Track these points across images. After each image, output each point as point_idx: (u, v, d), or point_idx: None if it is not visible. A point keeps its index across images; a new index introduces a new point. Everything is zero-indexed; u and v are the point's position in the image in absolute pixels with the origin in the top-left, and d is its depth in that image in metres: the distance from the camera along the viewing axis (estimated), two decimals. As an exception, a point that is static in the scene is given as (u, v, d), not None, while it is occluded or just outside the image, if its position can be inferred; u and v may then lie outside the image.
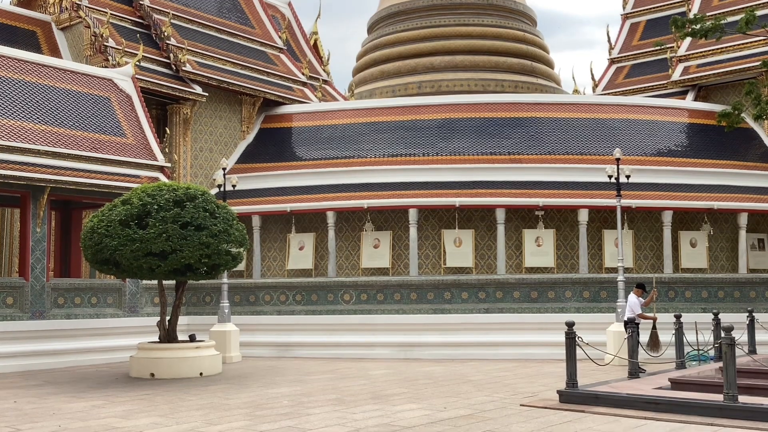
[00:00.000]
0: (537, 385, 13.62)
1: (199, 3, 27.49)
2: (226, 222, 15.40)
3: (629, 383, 12.29)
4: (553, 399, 11.61)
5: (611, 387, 11.80)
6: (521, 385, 13.79)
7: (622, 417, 10.11)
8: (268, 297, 20.99)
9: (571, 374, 11.57)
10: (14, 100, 18.19)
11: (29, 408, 11.54)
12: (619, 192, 18.28)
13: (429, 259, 22.34)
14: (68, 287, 18.28)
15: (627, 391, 11.18)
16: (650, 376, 13.32)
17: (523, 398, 11.96)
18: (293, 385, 13.98)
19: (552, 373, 15.24)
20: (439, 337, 19.65)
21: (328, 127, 25.60)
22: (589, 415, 10.31)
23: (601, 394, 11.17)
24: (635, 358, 13.31)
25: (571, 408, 10.81)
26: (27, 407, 11.62)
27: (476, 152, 23.13)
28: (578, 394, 11.32)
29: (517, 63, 33.08)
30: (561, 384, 12.11)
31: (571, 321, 11.91)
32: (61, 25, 25.35)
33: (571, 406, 10.91)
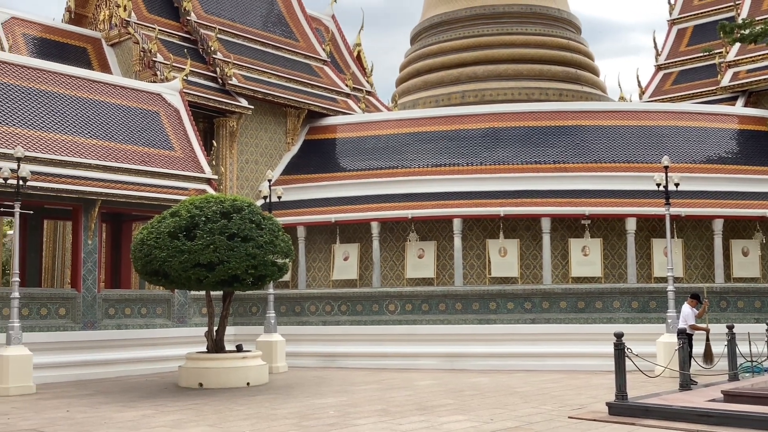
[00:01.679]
0: (585, 397, 13.42)
1: (244, 17, 27.92)
2: (271, 233, 15.56)
3: (680, 395, 12.02)
4: (602, 411, 11.42)
5: (662, 399, 11.55)
6: (569, 396, 13.60)
7: (673, 430, 9.90)
8: (313, 307, 21.11)
9: (621, 386, 11.37)
10: (66, 115, 18.69)
11: (81, 417, 11.79)
12: (668, 200, 17.96)
13: (474, 269, 22.23)
14: (119, 298, 18.64)
15: (678, 404, 10.94)
16: (702, 388, 13.02)
17: (571, 410, 11.80)
18: (339, 395, 14.02)
19: (600, 385, 15.01)
20: (484, 347, 19.50)
21: (372, 137, 25.71)
22: (640, 428, 10.12)
23: (652, 407, 10.95)
24: (687, 369, 13.03)
25: (621, 420, 10.62)
26: (79, 416, 11.87)
27: (521, 161, 22.97)
28: (628, 407, 11.11)
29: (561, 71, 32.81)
30: (610, 396, 11.91)
31: (620, 332, 11.72)
32: (111, 42, 26.00)
33: (621, 419, 10.72)
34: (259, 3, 29.23)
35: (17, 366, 14.79)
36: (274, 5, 29.78)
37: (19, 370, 14.80)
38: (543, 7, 34.48)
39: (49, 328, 17.14)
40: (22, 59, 19.48)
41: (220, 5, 27.44)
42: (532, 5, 34.28)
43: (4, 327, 15.71)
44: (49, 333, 17.07)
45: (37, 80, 18.77)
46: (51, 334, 17.09)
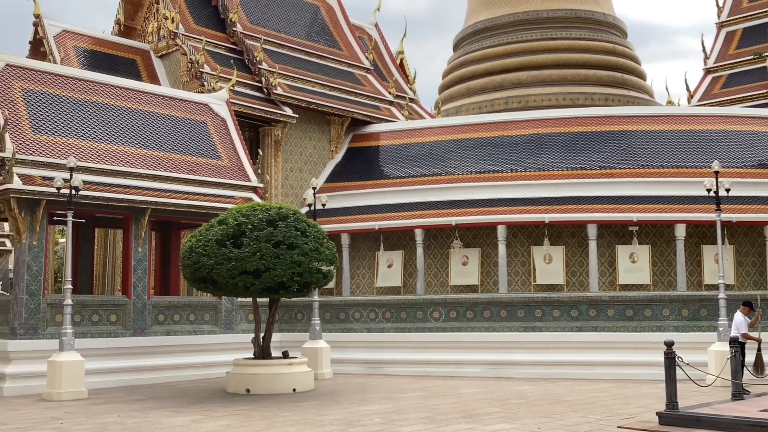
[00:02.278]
0: (634, 407, 13.21)
1: (289, 28, 28.26)
2: (316, 240, 15.69)
3: (732, 405, 11.75)
4: (652, 421, 11.23)
5: (713, 409, 11.31)
6: (618, 406, 13.40)
7: (727, 441, 9.68)
8: (357, 314, 21.19)
9: (671, 395, 11.17)
10: (117, 125, 19.13)
11: (132, 422, 12.02)
12: (718, 206, 17.59)
13: (518, 276, 22.08)
14: (168, 305, 18.97)
15: (730, 414, 10.70)
16: (755, 398, 12.71)
17: (621, 420, 11.62)
18: (384, 402, 14.04)
19: (650, 395, 14.75)
20: (530, 355, 19.32)
21: (415, 144, 25.75)
22: (691, 439, 9.92)
23: (703, 417, 10.73)
24: (739, 379, 12.74)
25: (672, 431, 10.43)
26: (130, 421, 12.10)
27: (566, 167, 22.75)
28: (679, 417, 10.90)
29: (607, 75, 32.43)
30: (660, 406, 11.71)
31: (670, 340, 11.52)
32: (159, 53, 26.54)
33: (671, 429, 10.53)
34: (304, 13, 29.55)
35: (70, 372, 15.13)
36: (318, 15, 30.08)
37: (71, 375, 15.15)
38: (587, 11, 34.15)
39: (101, 335, 17.51)
40: (74, 71, 20.00)
41: (265, 16, 27.82)
42: (576, 9, 33.98)
43: (57, 333, 16.10)
44: (101, 339, 17.44)
45: (88, 92, 19.25)
46: (102, 340, 17.46)
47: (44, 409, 13.67)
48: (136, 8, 27.80)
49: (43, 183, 16.49)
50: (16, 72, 18.05)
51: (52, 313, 16.84)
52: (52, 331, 16.59)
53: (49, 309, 16.84)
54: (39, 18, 25.27)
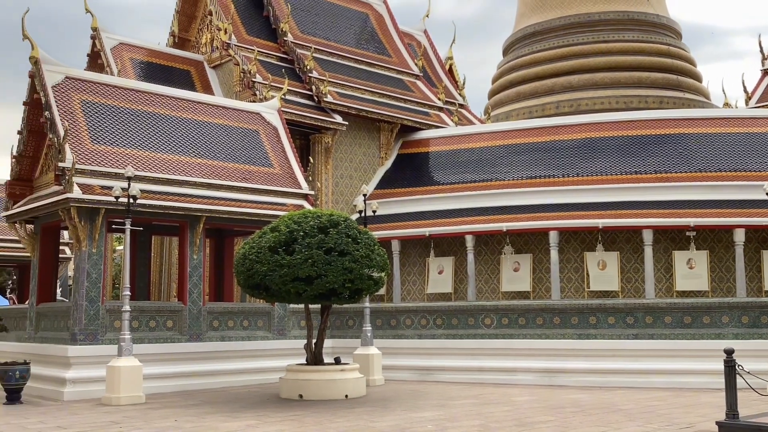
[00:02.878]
0: (693, 416, 12.90)
1: (338, 36, 28.50)
2: (367, 247, 15.74)
3: (798, 416, 11.37)
4: (711, 430, 10.95)
5: (777, 420, 10.97)
6: (676, 415, 13.11)
7: (792, 453, 9.38)
8: (408, 321, 21.18)
9: (731, 404, 10.87)
10: (172, 135, 19.53)
11: (189, 427, 12.22)
12: (779, 210, 17.11)
13: (572, 283, 21.79)
14: (222, 311, 19.26)
15: (796, 425, 10.35)
16: (822, 409, 12.28)
17: (679, 429, 11.37)
18: (436, 409, 13.99)
19: (709, 403, 14.38)
20: (584, 363, 19.02)
21: (465, 150, 25.68)
22: (754, 450, 9.64)
23: (765, 426, 10.40)
24: (804, 389, 12.33)
25: (733, 441, 10.15)
26: (187, 426, 12.30)
27: (620, 172, 22.40)
28: (739, 426, 10.60)
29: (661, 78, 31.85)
30: (719, 415, 11.40)
31: (730, 348, 11.20)
32: (213, 64, 27.05)
33: (733, 440, 10.24)
34: (353, 21, 29.78)
35: (128, 376, 15.46)
36: (367, 23, 30.27)
37: (129, 380, 15.47)
38: (640, 12, 33.60)
39: (158, 340, 17.86)
40: (131, 83, 20.50)
41: (315, 25, 28.11)
42: (629, 11, 33.46)
43: (115, 339, 16.49)
44: (158, 344, 17.79)
45: (144, 103, 19.71)
46: (159, 346, 17.80)
47: (103, 413, 13.99)
48: (190, 20, 28.39)
49: (101, 192, 16.93)
50: (76, 84, 18.58)
51: (111, 319, 17.25)
52: (111, 337, 16.99)
53: (107, 315, 17.25)
54: (96, 31, 26.01)
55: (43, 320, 18.62)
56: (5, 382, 15.50)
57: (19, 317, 20.04)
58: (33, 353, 17.81)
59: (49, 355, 17.28)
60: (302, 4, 28.46)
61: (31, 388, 16.52)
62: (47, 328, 18.36)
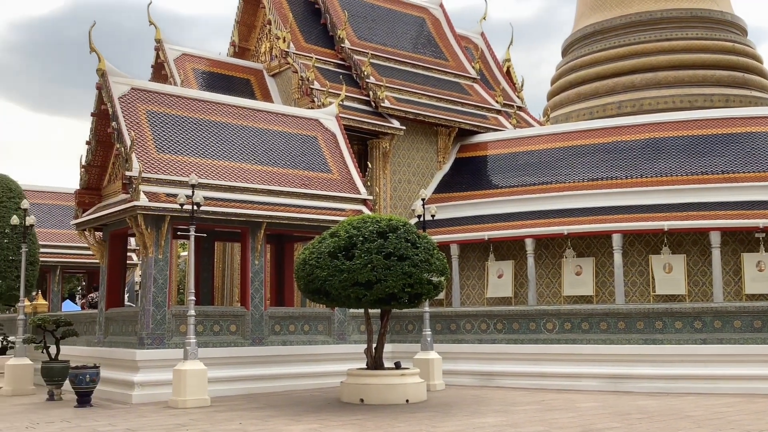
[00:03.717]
0: (765, 423, 12.46)
1: (395, 41, 28.58)
2: (427, 252, 15.72)
3: None
4: (786, 440, 10.57)
5: None
6: (747, 421, 12.69)
7: None
8: (468, 325, 21.04)
9: (808, 413, 10.48)
10: (234, 143, 19.89)
11: (253, 429, 12.39)
12: None
13: (636, 287, 21.34)
14: (283, 315, 19.49)
15: None
16: None
17: (751, 438, 11.00)
18: (498, 415, 13.86)
19: (783, 411, 13.89)
20: (650, 369, 18.58)
21: (524, 153, 25.42)
22: (833, 460, 9.26)
23: None
24: None
25: (810, 451, 9.77)
26: (251, 429, 12.48)
27: (685, 172, 21.85)
28: (817, 436, 10.20)
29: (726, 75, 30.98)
30: (795, 423, 11.00)
31: (805, 354, 10.81)
32: (272, 72, 27.45)
33: (810, 449, 9.86)
34: (410, 26, 29.83)
35: (194, 380, 15.78)
36: (423, 27, 30.28)
37: (195, 383, 15.79)
38: (704, 10, 32.75)
39: (222, 344, 18.18)
40: (193, 93, 20.96)
41: (372, 31, 28.26)
42: (692, 9, 32.66)
43: (181, 343, 16.86)
44: (222, 348, 18.10)
45: (207, 112, 20.13)
46: (223, 350, 18.11)
47: (170, 416, 14.30)
48: (250, 30, 28.89)
49: (167, 200, 17.34)
50: (141, 95, 19.09)
51: (177, 324, 17.64)
52: (177, 341, 17.37)
53: (173, 319, 17.64)
54: (160, 43, 26.70)
55: (111, 325, 19.16)
56: (76, 385, 15.99)
57: (89, 322, 20.67)
58: (102, 357, 18.35)
59: (118, 358, 17.77)
60: (359, 10, 28.65)
61: (101, 391, 17.01)
62: (116, 332, 18.89)
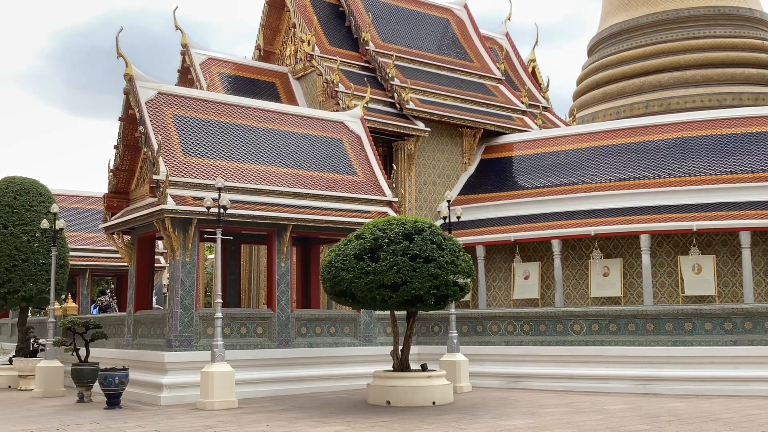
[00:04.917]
0: (800, 427, 12.26)
1: (419, 42, 28.57)
2: (452, 253, 15.67)
3: None
4: (821, 443, 10.38)
5: None
6: (780, 426, 12.48)
7: None
8: (495, 327, 20.95)
9: (843, 416, 10.28)
10: (259, 146, 20.01)
11: (280, 431, 12.44)
12: None
13: (664, 288, 21.10)
14: (310, 317, 19.55)
15: None
16: None
17: (785, 441, 10.82)
18: (526, 417, 13.78)
19: (817, 414, 13.64)
20: (680, 371, 18.35)
21: (550, 154, 25.26)
22: None
23: None
24: None
25: None
26: (278, 430, 12.53)
27: (714, 172, 21.57)
28: None
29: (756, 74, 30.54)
30: (830, 427, 10.80)
31: (840, 356, 10.61)
32: (297, 75, 27.58)
33: None
34: (434, 27, 29.80)
35: (221, 382, 15.88)
36: (448, 28, 30.23)
37: (222, 385, 15.89)
38: (732, 7, 32.33)
39: (248, 346, 18.27)
40: (219, 96, 21.12)
41: (396, 33, 28.28)
42: (720, 6, 32.25)
43: (209, 345, 16.98)
44: (248, 351, 18.19)
45: (232, 115, 20.27)
46: (250, 352, 18.20)
47: (198, 417, 14.41)
48: (275, 33, 29.05)
49: (194, 203, 17.48)
50: (167, 99, 19.27)
51: (204, 326, 17.77)
52: (204, 343, 17.49)
53: (201, 322, 17.77)
54: (186, 47, 26.95)
55: (140, 327, 19.35)
56: (105, 387, 16.17)
57: (118, 325, 20.90)
58: (131, 359, 18.53)
59: (146, 361, 17.94)
60: (383, 13, 28.68)
61: (130, 393, 17.19)
62: (144, 335, 19.07)
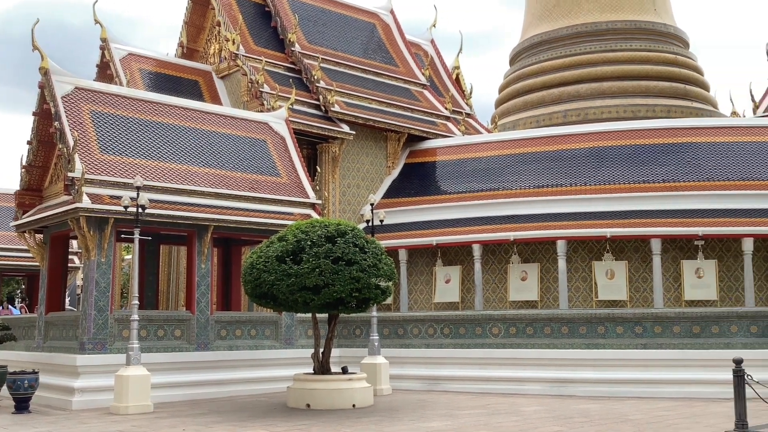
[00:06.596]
0: (702, 426, 12.83)
1: (346, 46, 28.60)
2: (375, 256, 15.76)
3: (808, 427, 11.32)
4: (721, 441, 10.91)
5: (787, 430, 10.91)
6: (685, 425, 13.04)
7: (802, 464, 9.32)
8: (416, 330, 21.16)
9: (740, 414, 10.84)
10: (181, 145, 19.63)
11: (197, 435, 12.23)
12: (788, 219, 17.05)
13: (579, 292, 21.74)
14: (230, 320, 19.29)
15: (806, 436, 10.31)
16: (833, 420, 12.21)
17: (688, 440, 11.31)
18: (444, 419, 13.96)
19: (718, 413, 14.31)
20: (593, 373, 18.95)
21: (472, 159, 25.69)
22: (764, 461, 9.59)
23: (776, 438, 10.36)
24: (814, 399, 12.25)
25: (743, 452, 10.09)
26: (195, 434, 12.32)
27: (628, 181, 22.37)
28: (750, 437, 10.55)
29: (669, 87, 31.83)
30: (729, 425, 11.36)
31: (739, 358, 11.19)
32: (221, 74, 27.18)
33: (742, 450, 10.19)
34: (360, 31, 29.89)
35: (136, 385, 15.49)
36: (374, 33, 30.38)
37: (137, 389, 15.50)
38: (648, 22, 33.62)
39: (166, 349, 17.89)
40: (140, 93, 20.63)
41: (322, 35, 28.23)
42: (636, 21, 33.49)
43: (124, 348, 16.53)
44: (166, 354, 17.81)
45: (153, 113, 19.82)
46: (167, 355, 17.82)
47: (111, 422, 14.02)
48: (199, 31, 28.56)
49: (111, 202, 17.01)
50: (85, 95, 18.71)
51: (120, 329, 17.30)
52: (119, 346, 17.04)
53: (116, 324, 17.30)
54: (106, 42, 26.18)
55: (51, 329, 18.69)
56: (14, 391, 15.55)
57: (28, 327, 20.12)
58: (42, 362, 17.86)
59: (58, 364, 17.33)
60: (310, 14, 28.60)
61: (40, 397, 16.56)
62: (56, 337, 18.42)
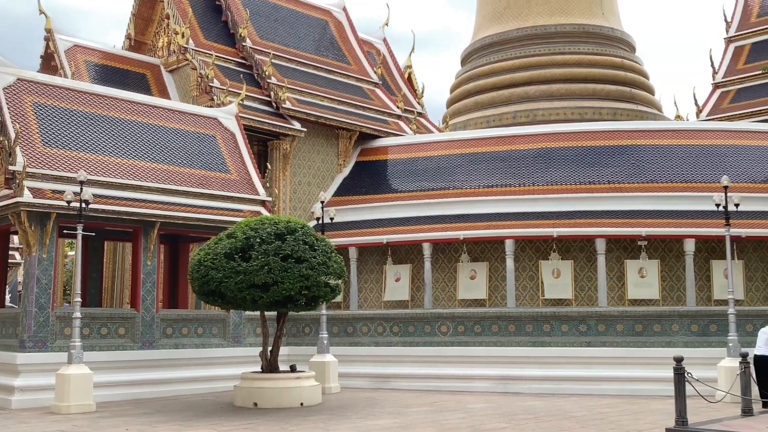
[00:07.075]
0: (643, 423, 13.14)
1: (298, 42, 28.42)
2: (324, 254, 15.71)
3: (742, 421, 11.69)
4: (661, 437, 11.18)
5: (723, 425, 11.25)
6: (626, 422, 13.33)
7: (737, 458, 9.61)
8: (365, 328, 21.17)
9: (681, 411, 11.11)
10: (127, 139, 19.26)
11: (141, 434, 12.03)
12: (727, 221, 17.54)
13: (527, 291, 22.02)
14: (176, 318, 19.01)
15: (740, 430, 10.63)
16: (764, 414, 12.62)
17: (629, 436, 11.56)
18: (392, 417, 14.01)
19: (659, 410, 14.67)
20: (538, 370, 19.25)
21: (423, 159, 25.78)
22: (701, 456, 9.86)
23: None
24: (748, 394, 12.65)
25: (681, 447, 10.37)
26: (139, 434, 12.11)
27: (574, 182, 22.74)
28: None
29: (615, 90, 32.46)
30: (669, 422, 11.64)
31: (680, 356, 11.48)
32: (170, 68, 26.72)
33: (681, 445, 10.46)
34: (313, 28, 29.74)
35: (78, 384, 15.17)
36: (326, 30, 30.25)
37: (80, 388, 15.18)
38: (595, 26, 34.24)
39: (109, 348, 17.55)
40: (85, 86, 20.17)
41: (274, 31, 28.00)
42: (584, 24, 34.08)
43: (66, 346, 16.15)
44: (109, 352, 17.48)
45: (98, 106, 19.40)
46: (111, 353, 17.49)
47: (52, 422, 13.70)
48: (147, 23, 28.02)
49: (53, 196, 16.59)
50: (27, 86, 18.21)
51: (61, 326, 16.90)
52: (61, 344, 16.64)
53: (58, 322, 16.89)
54: (50, 32, 25.49)
55: (-10, 327, 18.15)
56: (-51, 390, 15.07)
57: (-35, 324, 19.50)
58: (-21, 361, 17.34)
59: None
60: (261, 10, 28.33)
61: (-23, 396, 16.08)
62: (-6, 335, 17.91)
